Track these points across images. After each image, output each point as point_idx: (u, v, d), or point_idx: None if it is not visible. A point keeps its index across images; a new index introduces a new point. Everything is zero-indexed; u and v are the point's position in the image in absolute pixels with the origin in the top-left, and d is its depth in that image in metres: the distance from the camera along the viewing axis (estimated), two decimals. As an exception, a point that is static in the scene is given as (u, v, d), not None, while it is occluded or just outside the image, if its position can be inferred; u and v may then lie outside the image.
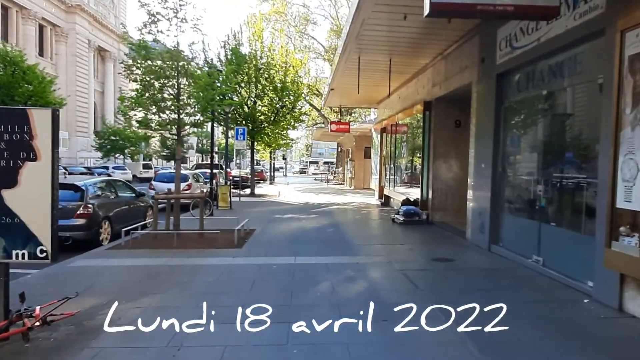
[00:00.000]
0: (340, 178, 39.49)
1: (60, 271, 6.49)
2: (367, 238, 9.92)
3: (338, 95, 19.16)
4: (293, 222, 12.31)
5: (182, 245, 8.46)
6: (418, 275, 6.35)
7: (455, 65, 10.24)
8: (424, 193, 12.22)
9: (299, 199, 20.89)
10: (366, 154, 30.31)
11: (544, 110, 6.87)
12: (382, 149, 18.59)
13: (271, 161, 40.55)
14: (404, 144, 14.87)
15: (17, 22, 38.06)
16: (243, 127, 19.84)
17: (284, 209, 15.82)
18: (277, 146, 30.59)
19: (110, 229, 9.27)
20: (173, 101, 9.39)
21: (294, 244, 8.90)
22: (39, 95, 21.93)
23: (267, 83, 21.91)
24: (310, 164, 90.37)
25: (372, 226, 12.26)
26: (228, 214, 13.91)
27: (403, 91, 15.03)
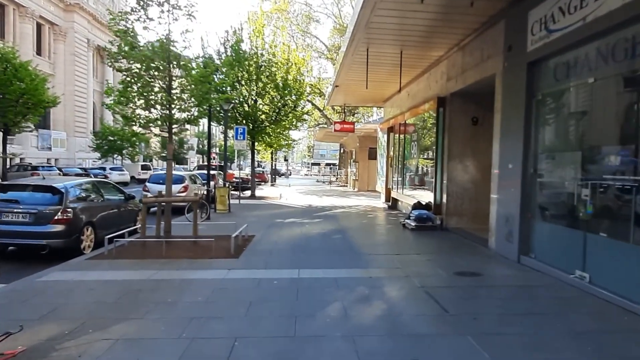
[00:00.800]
0: (344, 180, 38.56)
1: (26, 287, 5.58)
2: (378, 246, 8.99)
3: (342, 93, 18.27)
4: (295, 227, 11.39)
5: (172, 254, 7.54)
6: (443, 293, 5.42)
7: (475, 55, 9.33)
8: (438, 196, 11.29)
9: (302, 201, 19.97)
10: (370, 155, 29.40)
11: (590, 102, 5.93)
12: (389, 150, 17.67)
13: (272, 162, 39.60)
14: (413, 143, 13.96)
15: (14, 20, 37.27)
16: (243, 127, 18.95)
17: (286, 213, 14.90)
18: (278, 147, 29.71)
19: (93, 235, 8.36)
20: (164, 95, 8.49)
21: (297, 253, 7.97)
22: (31, 93, 21.07)
23: (269, 81, 21.03)
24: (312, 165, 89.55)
25: (381, 232, 11.32)
26: (226, 218, 12.99)
27: (413, 87, 14.11)
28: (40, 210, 7.52)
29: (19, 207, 7.53)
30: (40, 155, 39.30)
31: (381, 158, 19.46)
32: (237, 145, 19.01)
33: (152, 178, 16.02)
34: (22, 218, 7.46)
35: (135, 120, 8.42)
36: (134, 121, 8.42)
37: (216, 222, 11.29)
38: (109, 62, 7.96)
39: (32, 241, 7.45)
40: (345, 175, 38.48)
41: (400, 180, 15.35)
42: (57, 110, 43.09)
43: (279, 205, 18.10)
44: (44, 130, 41.14)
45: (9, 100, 20.63)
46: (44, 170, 24.44)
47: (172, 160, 8.94)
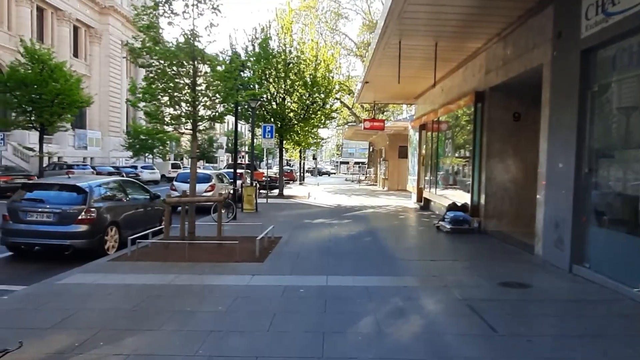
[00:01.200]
0: (373, 179, 37.88)
1: (44, 291, 5.38)
2: (412, 250, 8.43)
3: (372, 90, 17.71)
4: (324, 228, 10.96)
5: (195, 257, 7.25)
6: (489, 308, 4.84)
7: (518, 46, 8.61)
8: (475, 197, 10.59)
9: (330, 201, 19.53)
10: (401, 153, 28.63)
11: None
12: (421, 148, 16.96)
13: (301, 161, 39.35)
14: (448, 141, 13.25)
15: (52, 23, 38.51)
16: (271, 125, 18.65)
17: (314, 213, 14.49)
18: (307, 145, 29.40)
19: (118, 235, 8.19)
20: (188, 91, 8.22)
21: (325, 257, 7.53)
22: (66, 93, 21.52)
23: (297, 78, 20.69)
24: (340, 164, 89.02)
25: (414, 235, 10.73)
26: (253, 218, 12.71)
27: (447, 82, 13.41)
28: (64, 210, 7.39)
29: (43, 207, 7.42)
30: (77, 154, 40.49)
31: (412, 157, 18.77)
32: (265, 143, 18.72)
33: (180, 177, 15.95)
34: (46, 218, 7.35)
35: (159, 118, 8.19)
36: (158, 118, 8.19)
37: (242, 223, 11.00)
38: (131, 58, 7.75)
39: (56, 241, 7.33)
40: (375, 174, 37.78)
41: (433, 180, 14.66)
42: (93, 110, 44.34)
43: (307, 204, 17.73)
44: (80, 130, 42.39)
45: (45, 101, 21.13)
46: (79, 168, 25.03)
47: (196, 159, 8.67)
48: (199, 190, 14.83)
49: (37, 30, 36.21)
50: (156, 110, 8.16)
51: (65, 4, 38.68)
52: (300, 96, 20.99)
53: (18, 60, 21.99)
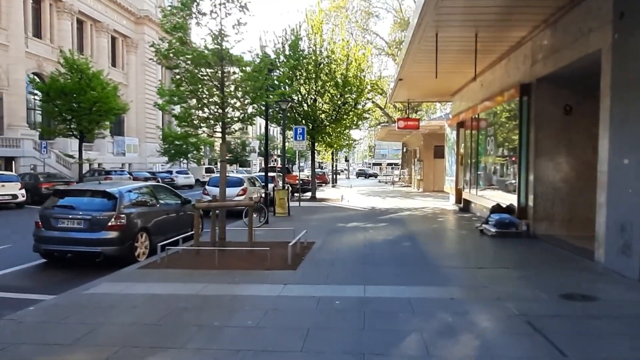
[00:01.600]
0: (407, 180, 36.97)
1: (69, 302, 5.18)
2: (455, 257, 7.81)
3: (406, 88, 17.07)
4: (359, 232, 10.47)
5: (225, 264, 6.95)
6: (552, 326, 4.23)
7: (571, 31, 7.85)
8: (522, 198, 9.81)
9: (364, 203, 18.99)
10: (436, 153, 27.69)
11: None
12: (459, 147, 16.17)
13: (333, 163, 38.95)
14: (489, 139, 12.45)
15: (91, 35, 39.95)
16: (302, 127, 18.35)
17: (348, 216, 14.02)
18: (339, 147, 28.96)
19: (148, 242, 8.02)
20: (217, 93, 7.98)
21: (361, 264, 7.05)
22: (102, 101, 22.06)
23: (328, 79, 20.31)
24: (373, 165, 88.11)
25: (456, 239, 10.06)
26: (285, 222, 12.38)
27: (487, 76, 12.63)
28: (94, 216, 7.26)
29: (74, 213, 7.33)
30: (116, 161, 41.76)
31: (449, 156, 17.96)
32: (297, 146, 18.43)
33: (212, 181, 15.86)
34: (76, 224, 7.25)
35: (188, 121, 7.98)
36: (187, 121, 7.98)
37: (274, 228, 10.68)
38: (157, 59, 7.57)
39: (86, 248, 7.22)
40: (409, 175, 36.86)
41: (473, 180, 13.87)
42: (130, 117, 45.70)
43: (341, 207, 17.27)
44: (119, 137, 43.73)
45: (83, 109, 21.75)
46: (116, 174, 25.62)
47: (226, 163, 8.41)
48: (231, 194, 14.70)
49: (77, 42, 37.63)
50: (185, 113, 7.96)
51: (103, 15, 40.06)
52: (331, 97, 20.60)
53: (58, 71, 22.76)
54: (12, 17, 30.13)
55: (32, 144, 28.14)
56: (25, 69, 30.40)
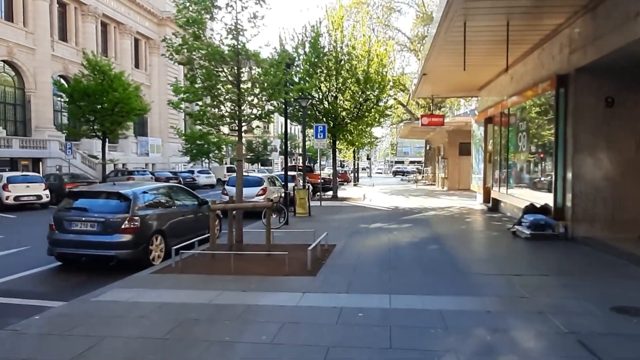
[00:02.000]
0: (431, 178, 36.10)
1: (76, 310, 4.91)
2: (487, 262, 7.23)
3: (431, 83, 16.42)
4: (382, 234, 9.98)
5: (241, 269, 6.59)
6: (608, 346, 3.68)
7: (614, 16, 7.16)
8: (559, 197, 9.12)
9: (387, 202, 18.44)
10: (461, 150, 26.84)
11: None
12: (486, 144, 15.43)
13: (355, 161, 38.39)
14: (521, 134, 11.72)
15: (115, 37, 40.55)
16: (323, 124, 17.97)
17: (370, 216, 13.53)
18: (360, 145, 28.43)
19: (164, 244, 7.75)
20: (232, 89, 7.64)
21: (386, 269, 6.58)
22: (124, 102, 22.17)
23: (349, 75, 19.82)
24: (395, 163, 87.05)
25: (487, 242, 9.44)
26: (305, 223, 12.01)
27: (518, 69, 11.92)
28: (108, 219, 7.02)
29: (87, 216, 7.11)
30: (140, 161, 42.33)
31: (476, 153, 17.22)
32: (317, 144, 18.05)
33: (231, 181, 15.60)
34: (90, 227, 7.02)
35: (202, 119, 7.66)
36: (201, 119, 7.67)
37: (293, 229, 10.30)
38: (169, 54, 7.26)
39: (99, 252, 6.99)
40: (432, 173, 36.00)
41: (503, 178, 13.15)
42: (153, 117, 46.27)
43: (363, 207, 16.78)
44: (142, 137, 44.32)
45: (105, 110, 21.89)
46: (139, 174, 25.80)
47: (242, 162, 8.07)
48: (250, 194, 14.43)
49: (101, 44, 38.20)
50: (200, 111, 7.65)
51: (126, 17, 40.60)
52: (352, 94, 20.10)
53: (81, 72, 22.99)
54: (38, 22, 30.78)
55: (59, 145, 28.66)
56: (52, 72, 30.99)
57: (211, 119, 7.88)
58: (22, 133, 30.65)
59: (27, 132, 31.10)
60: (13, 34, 29.11)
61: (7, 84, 30.09)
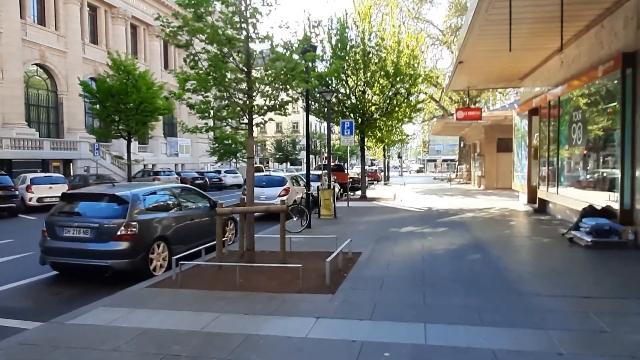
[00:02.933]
0: (466, 177, 34.29)
1: (45, 337, 4.09)
2: (545, 278, 5.96)
3: (467, 72, 15.06)
4: (414, 240, 8.83)
5: (248, 283, 5.67)
6: None
7: None
8: (627, 198, 7.71)
9: (419, 203, 17.16)
10: (499, 146, 25.11)
11: None
12: (531, 138, 13.94)
13: (385, 159, 37.02)
14: (575, 126, 10.25)
15: (144, 39, 40.87)
16: (350, 120, 16.89)
17: (401, 219, 12.37)
18: (390, 142, 27.14)
19: (167, 252, 6.93)
20: (241, 77, 6.73)
21: (419, 286, 5.49)
22: (148, 101, 21.86)
23: (377, 68, 18.65)
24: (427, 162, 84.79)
25: (539, 251, 8.08)
26: (330, 226, 11.02)
27: (570, 51, 10.47)
28: (102, 225, 6.26)
29: (80, 221, 6.37)
30: (169, 161, 42.54)
31: (519, 149, 15.69)
32: (344, 141, 17.00)
33: (253, 181, 14.78)
34: (82, 234, 6.28)
35: (207, 111, 6.79)
36: (204, 112, 6.80)
37: (315, 235, 9.32)
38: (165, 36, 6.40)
39: (92, 261, 6.23)
40: (467, 171, 34.17)
41: (553, 176, 11.67)
42: (182, 118, 46.47)
43: (393, 208, 15.60)
44: (172, 138, 44.55)
45: (130, 109, 21.63)
46: (165, 175, 25.55)
47: (253, 159, 7.15)
48: (271, 195, 13.57)
49: (131, 46, 38.52)
50: (203, 103, 6.79)
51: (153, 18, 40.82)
52: (382, 88, 18.91)
53: (107, 72, 22.87)
54: (69, 25, 31.19)
55: (88, 147, 28.91)
56: (83, 74, 31.35)
57: (218, 112, 7.00)
58: (54, 135, 31.19)
59: (59, 134, 31.64)
60: (45, 37, 29.61)
61: (41, 87, 30.68)
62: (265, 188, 13.82)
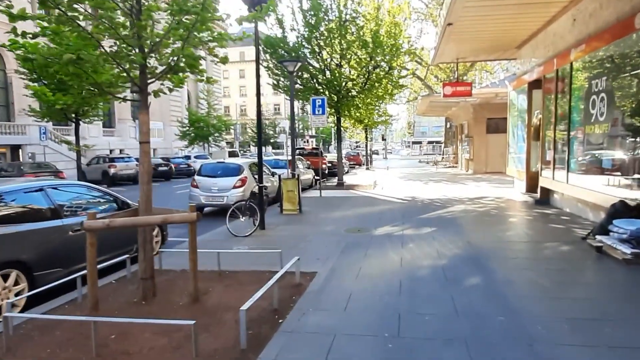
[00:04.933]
0: (452, 160, 32.41)
1: None
2: (589, 327, 3.86)
3: (456, 40, 12.89)
4: (391, 249, 6.72)
5: (117, 346, 3.48)
6: None
7: None
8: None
9: (401, 191, 15.09)
10: (489, 127, 23.17)
11: None
12: (531, 115, 11.88)
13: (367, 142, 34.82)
14: (595, 98, 8.15)
15: None
16: (322, 97, 14.61)
17: (379, 213, 10.28)
18: (372, 123, 24.94)
19: (26, 283, 4.69)
20: (125, 22, 4.44)
21: (392, 345, 3.38)
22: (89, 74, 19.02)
23: (355, 38, 16.30)
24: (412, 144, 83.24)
25: (558, 269, 5.86)
26: (289, 225, 8.91)
27: (584, 5, 8.35)
28: None
29: None
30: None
31: (515, 129, 13.66)
32: (315, 122, 14.75)
33: (204, 169, 12.51)
34: None
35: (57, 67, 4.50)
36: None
37: (265, 242, 7.15)
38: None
39: None
40: (454, 154, 32.28)
41: (560, 161, 9.66)
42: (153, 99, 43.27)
43: (372, 198, 13.50)
44: (141, 121, 41.56)
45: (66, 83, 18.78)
46: (122, 162, 22.93)
47: (148, 144, 4.90)
48: (225, 186, 11.30)
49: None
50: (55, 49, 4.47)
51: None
52: (359, 60, 16.59)
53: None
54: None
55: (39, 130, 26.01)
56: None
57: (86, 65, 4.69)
58: (5, 118, 28.15)
59: (10, 117, 28.58)
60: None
61: (-14, 65, 27.46)
62: (219, 178, 11.56)
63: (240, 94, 74.35)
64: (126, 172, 22.32)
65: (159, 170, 24.11)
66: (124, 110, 38.48)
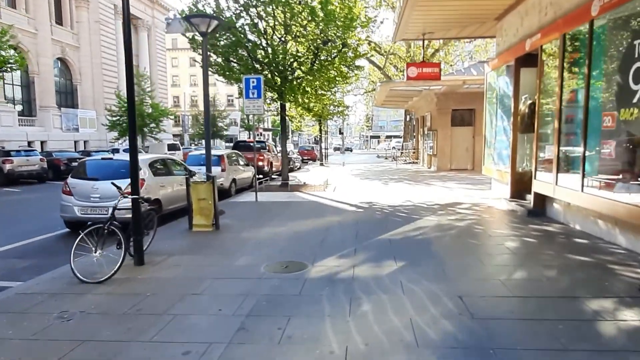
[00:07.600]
0: (413, 156, 30.20)
1: None
2: None
3: (423, 9, 10.37)
4: (331, 314, 3.85)
5: None
6: None
7: None
8: None
9: (357, 194, 12.33)
10: (455, 119, 20.94)
11: None
12: (517, 100, 9.38)
13: (321, 135, 31.89)
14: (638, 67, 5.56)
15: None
16: (257, 77, 11.51)
17: (324, 231, 7.40)
18: (324, 114, 22.06)
19: None
20: None
21: None
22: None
23: (301, 8, 13.32)
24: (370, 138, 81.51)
25: (616, 355, 3.36)
26: (187, 256, 5.81)
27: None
28: None
29: None
30: (66, 138, 34.84)
31: (492, 118, 11.17)
32: (250, 108, 11.64)
33: (82, 169, 9.07)
34: None
35: None
36: None
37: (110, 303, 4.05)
38: None
39: None
40: (415, 149, 30.06)
41: (570, 160, 7.13)
42: (85, 86, 38.41)
43: (319, 204, 10.63)
44: (69, 109, 36.62)
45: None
46: (19, 156, 18.73)
47: None
48: (111, 193, 8.06)
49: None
50: None
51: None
52: (306, 34, 13.61)
53: None
54: None
55: None
56: None
57: None
58: None
59: None
60: None
61: None
62: (102, 182, 8.11)
63: (190, 83, 69.41)
64: (27, 168, 18.23)
65: (71, 166, 19.99)
66: (46, 95, 33.57)
